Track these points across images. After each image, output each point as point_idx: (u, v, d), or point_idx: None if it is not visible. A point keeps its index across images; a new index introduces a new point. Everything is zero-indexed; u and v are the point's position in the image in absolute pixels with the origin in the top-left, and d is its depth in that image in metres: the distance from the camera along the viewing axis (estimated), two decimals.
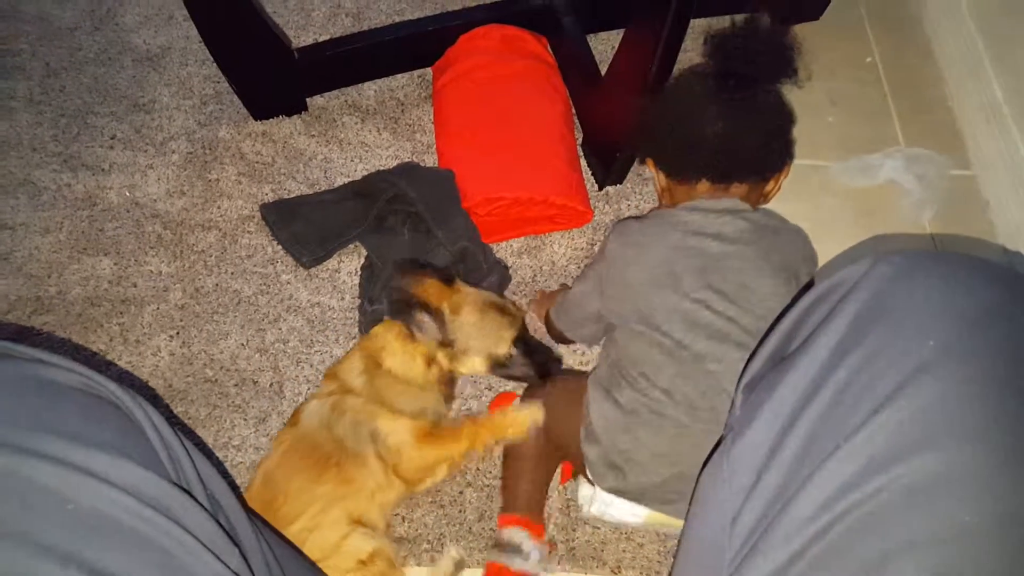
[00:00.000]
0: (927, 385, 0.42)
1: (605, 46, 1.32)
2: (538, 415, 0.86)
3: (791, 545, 0.44)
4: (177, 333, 1.04)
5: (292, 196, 1.15)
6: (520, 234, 1.13)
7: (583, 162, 1.19)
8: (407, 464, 0.85)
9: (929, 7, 1.42)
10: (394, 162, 1.19)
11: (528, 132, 1.13)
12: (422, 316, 0.85)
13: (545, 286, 1.09)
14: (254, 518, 0.54)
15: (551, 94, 1.18)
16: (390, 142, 1.22)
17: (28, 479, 0.37)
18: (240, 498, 0.64)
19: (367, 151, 1.21)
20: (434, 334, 0.86)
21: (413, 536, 0.90)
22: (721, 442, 0.56)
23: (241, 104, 1.21)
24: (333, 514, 0.81)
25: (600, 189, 1.18)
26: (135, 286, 1.07)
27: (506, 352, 0.89)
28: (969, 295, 0.46)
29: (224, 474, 0.93)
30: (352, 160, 1.20)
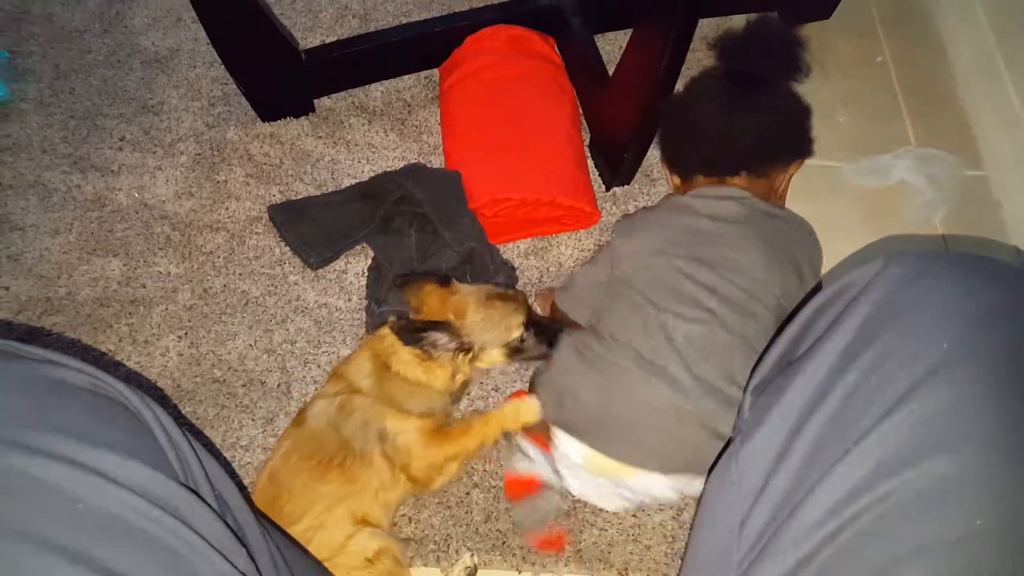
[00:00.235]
0: (938, 388, 0.42)
1: (612, 46, 1.31)
2: (535, 403, 0.88)
3: (800, 549, 0.43)
4: (185, 334, 1.04)
5: (299, 197, 1.15)
6: (527, 235, 1.13)
7: (590, 163, 1.19)
8: (418, 463, 0.85)
9: (941, 5, 1.41)
10: (401, 163, 1.19)
11: (535, 133, 1.12)
12: (434, 336, 0.86)
13: (552, 287, 1.09)
14: (261, 518, 0.54)
15: (558, 95, 1.18)
16: (397, 143, 1.22)
17: (38, 479, 0.38)
18: (248, 498, 0.64)
19: (374, 152, 1.21)
20: (450, 345, 0.87)
21: (420, 537, 0.90)
22: (730, 444, 0.56)
23: (249, 106, 1.22)
24: (338, 513, 0.81)
25: (607, 190, 1.17)
26: (144, 287, 1.08)
27: (518, 336, 0.90)
28: (981, 297, 0.45)
29: (232, 474, 0.94)
30: (359, 161, 1.20)
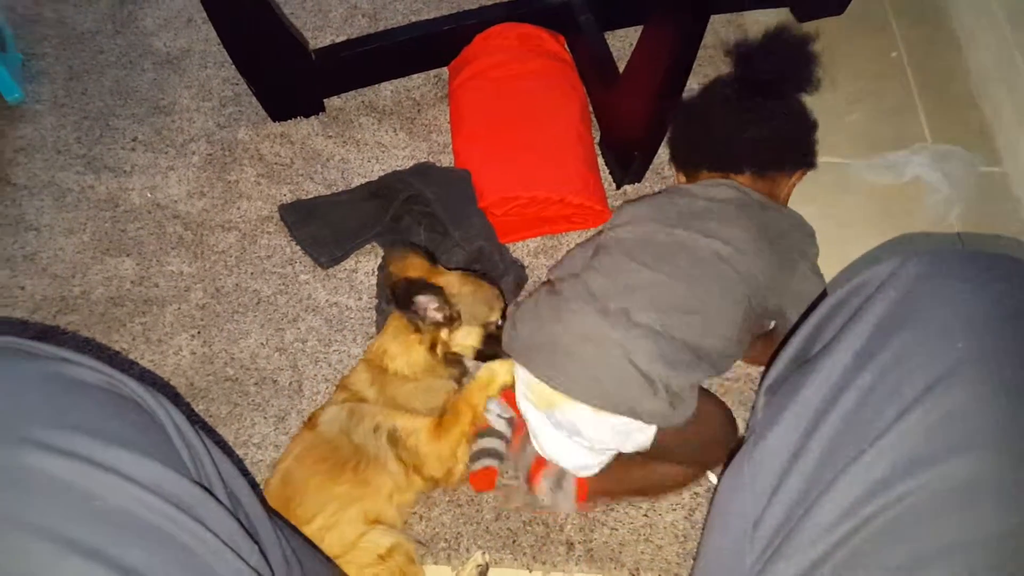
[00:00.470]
0: (956, 388, 0.41)
1: (623, 43, 1.31)
2: (509, 362, 0.89)
3: (814, 550, 0.43)
4: (198, 332, 1.05)
5: (310, 197, 1.15)
6: (537, 234, 1.12)
7: (601, 161, 1.18)
8: (430, 461, 0.85)
9: None
10: (410, 162, 1.19)
11: (545, 131, 1.12)
12: (425, 300, 0.85)
13: None
14: (274, 516, 0.54)
15: (568, 92, 1.18)
16: (406, 142, 1.22)
17: (53, 475, 0.38)
18: (260, 496, 0.64)
19: (384, 151, 1.21)
20: (438, 314, 0.87)
21: (431, 535, 0.90)
22: (743, 444, 0.56)
23: (260, 106, 1.22)
24: (350, 513, 0.82)
25: (618, 188, 1.17)
26: (157, 286, 1.09)
27: (496, 320, 0.91)
28: (999, 295, 0.45)
29: (244, 472, 0.94)
30: (369, 161, 1.20)
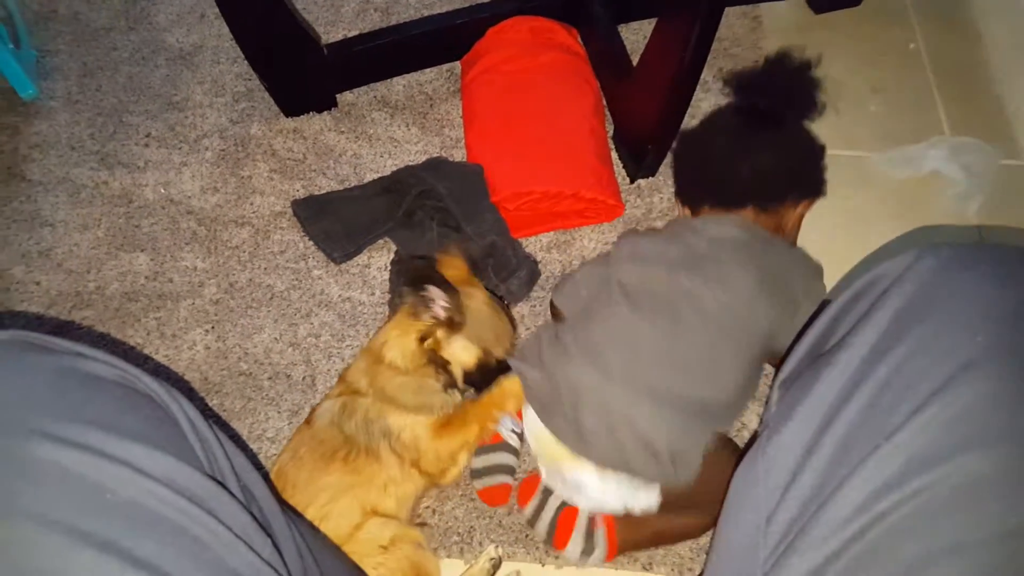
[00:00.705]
0: (974, 383, 0.41)
1: (637, 36, 1.30)
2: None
3: (828, 546, 0.43)
4: (212, 327, 1.06)
5: (322, 192, 1.16)
6: (550, 228, 1.12)
7: (614, 155, 1.17)
8: (427, 457, 0.85)
9: None
10: (423, 157, 1.19)
11: (558, 125, 1.12)
12: (435, 292, 0.84)
13: None
14: (287, 509, 0.55)
15: (581, 86, 1.17)
16: (419, 137, 1.22)
17: (66, 468, 0.38)
18: (273, 489, 0.65)
19: (396, 146, 1.21)
20: (442, 312, 0.85)
21: (443, 528, 0.90)
22: (756, 439, 0.55)
23: (272, 101, 1.23)
24: (342, 504, 0.81)
25: (632, 182, 1.16)
26: (171, 281, 1.10)
27: (498, 355, 0.88)
28: (1017, 290, 0.44)
29: (258, 466, 0.95)
30: (381, 156, 1.20)
